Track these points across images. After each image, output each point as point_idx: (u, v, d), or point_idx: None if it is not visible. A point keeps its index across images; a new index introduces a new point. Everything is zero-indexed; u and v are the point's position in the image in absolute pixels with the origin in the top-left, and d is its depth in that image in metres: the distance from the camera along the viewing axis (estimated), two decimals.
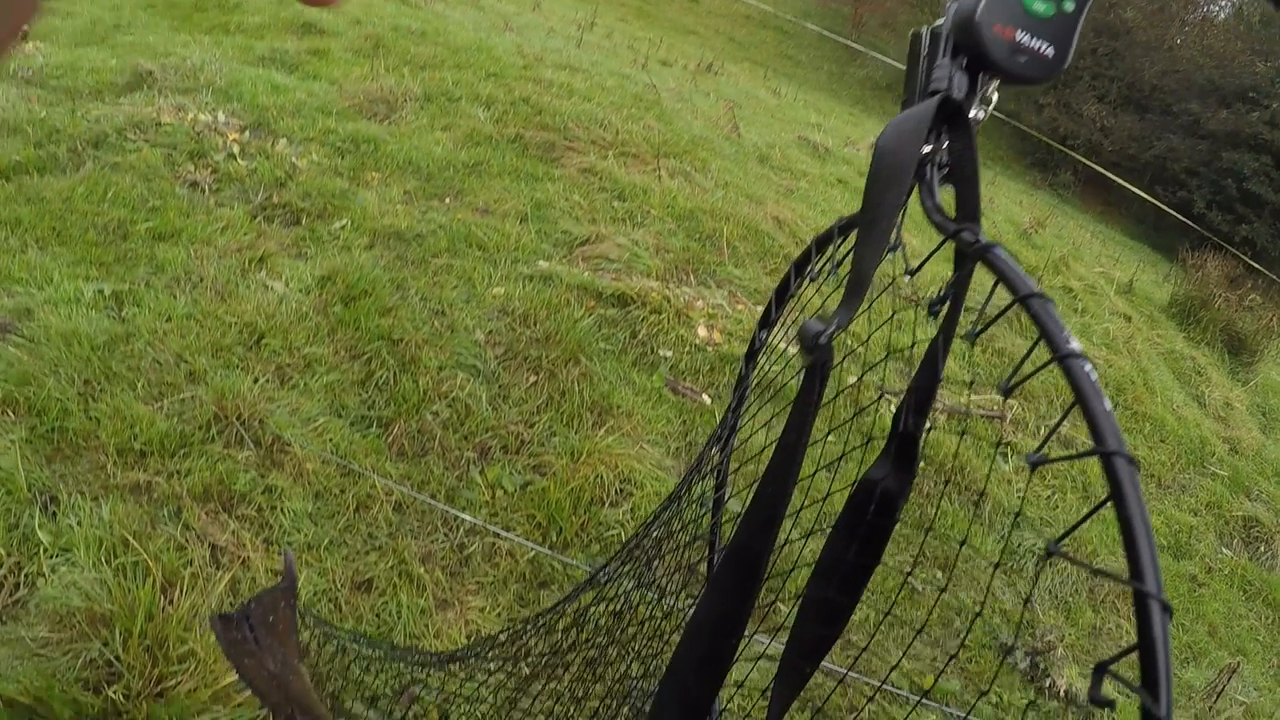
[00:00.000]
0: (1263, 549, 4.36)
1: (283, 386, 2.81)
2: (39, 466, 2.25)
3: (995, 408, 4.19)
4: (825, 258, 0.70)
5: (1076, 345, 0.41)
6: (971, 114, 0.53)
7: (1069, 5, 0.53)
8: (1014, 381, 0.47)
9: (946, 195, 0.53)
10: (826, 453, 0.67)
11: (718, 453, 0.89)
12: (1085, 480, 4.00)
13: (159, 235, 3.43)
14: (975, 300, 0.53)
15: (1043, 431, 4.21)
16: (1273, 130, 14.31)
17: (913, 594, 2.90)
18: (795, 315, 0.77)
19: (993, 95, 0.55)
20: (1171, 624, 0.36)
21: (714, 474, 0.92)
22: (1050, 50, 0.53)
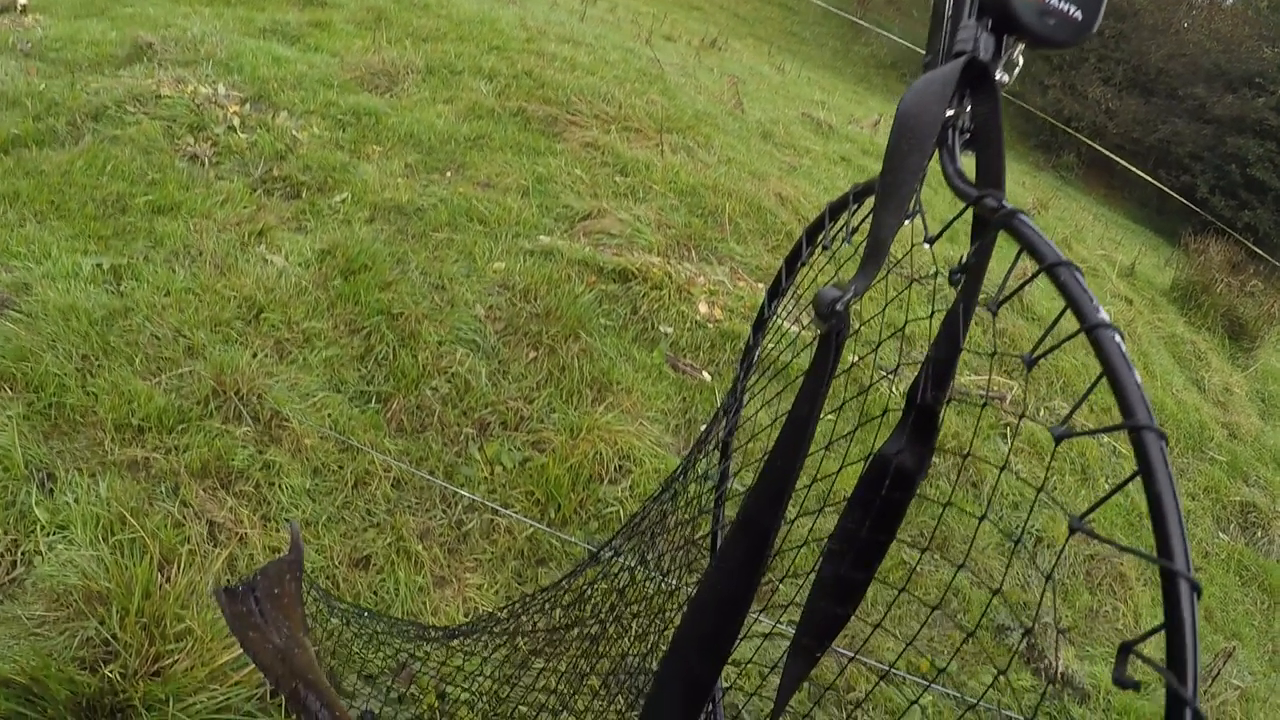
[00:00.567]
0: (1259, 534, 4.36)
1: (281, 361, 2.80)
2: (36, 443, 2.24)
3: (996, 389, 4.17)
4: (840, 224, 0.68)
5: (1106, 315, 0.40)
6: (996, 77, 0.51)
7: None
8: (1037, 354, 0.45)
9: (968, 162, 0.51)
10: (839, 429, 0.66)
11: (723, 427, 0.88)
12: (1084, 463, 3.99)
13: (158, 209, 3.40)
14: (992, 280, 0.51)
15: (1043, 413, 4.20)
16: (1278, 116, 14.20)
17: (912, 575, 2.90)
18: (806, 286, 0.76)
19: (1018, 59, 0.53)
20: None
21: (719, 449, 0.90)
22: (1079, 13, 0.51)
